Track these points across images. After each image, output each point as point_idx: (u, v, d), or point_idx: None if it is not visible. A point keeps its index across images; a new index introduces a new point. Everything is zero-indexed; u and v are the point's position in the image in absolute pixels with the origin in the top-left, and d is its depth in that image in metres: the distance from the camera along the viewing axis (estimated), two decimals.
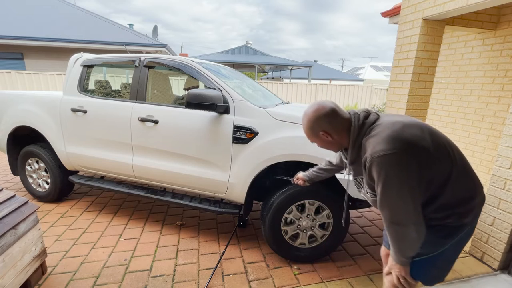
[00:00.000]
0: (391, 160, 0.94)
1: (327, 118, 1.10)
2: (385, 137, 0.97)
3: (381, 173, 0.96)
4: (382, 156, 0.94)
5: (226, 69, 2.81)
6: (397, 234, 1.02)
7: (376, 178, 0.98)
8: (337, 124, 1.10)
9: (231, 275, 1.95)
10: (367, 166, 1.00)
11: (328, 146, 1.19)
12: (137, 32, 11.35)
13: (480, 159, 3.52)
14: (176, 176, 2.29)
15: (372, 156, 0.96)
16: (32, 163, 2.96)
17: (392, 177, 0.95)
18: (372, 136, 1.02)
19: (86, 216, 2.74)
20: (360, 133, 1.07)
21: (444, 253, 1.11)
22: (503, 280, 1.96)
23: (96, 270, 1.96)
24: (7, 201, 1.66)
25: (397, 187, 0.96)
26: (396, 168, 0.95)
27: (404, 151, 0.94)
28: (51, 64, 9.48)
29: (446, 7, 2.62)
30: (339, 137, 1.12)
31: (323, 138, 1.14)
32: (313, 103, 1.16)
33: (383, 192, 0.98)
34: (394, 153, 0.94)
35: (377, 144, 0.97)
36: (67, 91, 2.68)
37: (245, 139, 2.01)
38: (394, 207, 0.99)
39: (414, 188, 0.97)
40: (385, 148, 0.94)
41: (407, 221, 0.98)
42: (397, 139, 0.96)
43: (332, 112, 1.10)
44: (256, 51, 20.50)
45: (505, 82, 3.19)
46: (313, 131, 1.14)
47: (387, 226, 1.03)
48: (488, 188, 2.09)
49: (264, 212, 2.05)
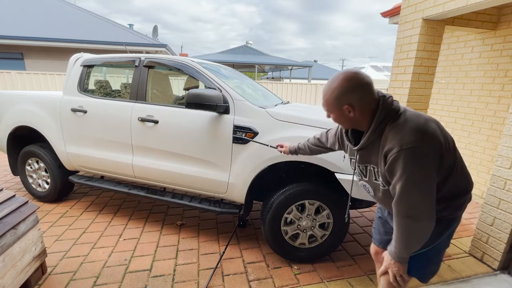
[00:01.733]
0: (419, 154, 0.91)
1: (360, 92, 0.99)
2: (414, 128, 0.93)
3: (408, 166, 0.91)
4: (412, 149, 0.90)
5: (226, 69, 2.81)
6: (409, 229, 0.98)
7: (401, 170, 0.93)
8: (367, 101, 1.00)
9: (231, 275, 1.95)
10: (392, 156, 0.93)
11: (343, 122, 1.09)
12: (137, 32, 11.35)
13: (480, 159, 3.52)
14: (176, 176, 2.28)
15: (401, 147, 0.91)
16: (32, 163, 2.96)
17: (419, 171, 0.92)
18: (398, 125, 0.96)
19: (86, 216, 2.74)
20: (385, 119, 0.99)
21: (438, 246, 1.12)
22: (503, 280, 1.96)
23: (96, 270, 1.95)
24: (7, 201, 1.66)
25: (422, 181, 0.93)
26: (424, 161, 0.92)
27: (431, 145, 0.93)
28: (51, 64, 9.47)
29: (446, 7, 2.62)
30: (361, 116, 1.02)
31: (344, 113, 1.02)
32: (346, 69, 1.03)
33: (406, 185, 0.93)
34: (423, 146, 0.91)
35: (406, 135, 0.92)
36: (67, 91, 2.68)
37: (245, 139, 2.01)
38: (414, 201, 0.95)
39: (434, 183, 0.95)
40: (415, 140, 0.91)
41: (423, 216, 0.95)
42: (426, 132, 0.94)
43: (368, 86, 0.99)
44: (256, 51, 20.50)
45: (505, 82, 3.19)
46: (338, 101, 1.01)
47: (400, 220, 0.99)
48: (488, 188, 2.09)
49: (264, 212, 2.05)
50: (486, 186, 3.15)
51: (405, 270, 1.07)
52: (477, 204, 3.31)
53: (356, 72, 0.99)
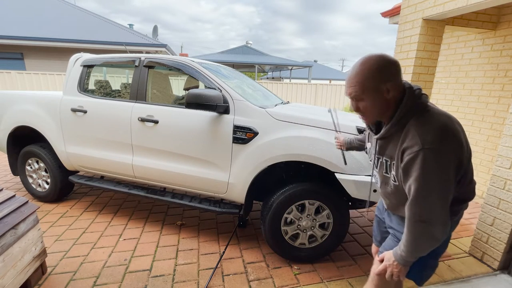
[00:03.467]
0: (441, 156, 0.86)
1: (397, 69, 0.92)
2: (438, 127, 0.88)
3: (427, 168, 0.86)
4: (434, 149, 0.85)
5: (226, 69, 2.81)
6: (422, 233, 0.94)
7: (418, 171, 0.88)
8: (398, 83, 0.93)
9: (231, 275, 1.95)
10: (411, 155, 0.88)
11: (375, 109, 0.98)
12: (137, 32, 11.35)
13: (480, 159, 3.52)
14: (176, 176, 2.28)
15: (423, 146, 0.86)
16: (32, 163, 2.96)
17: (438, 174, 0.87)
18: (422, 121, 0.91)
19: (86, 216, 2.74)
20: (409, 111, 0.93)
21: (436, 251, 1.10)
22: (503, 280, 1.96)
23: (96, 270, 1.95)
24: (7, 201, 1.66)
25: (440, 185, 0.89)
26: (445, 164, 0.88)
27: (453, 147, 0.89)
28: (51, 64, 9.48)
29: (446, 7, 2.62)
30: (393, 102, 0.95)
31: (382, 94, 0.93)
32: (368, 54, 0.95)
33: (423, 188, 0.89)
34: (445, 147, 0.87)
35: (429, 133, 0.87)
36: (67, 91, 2.68)
37: (245, 139, 2.01)
38: (430, 205, 0.90)
39: (453, 187, 0.91)
40: (438, 140, 0.86)
41: (437, 220, 0.91)
42: (450, 133, 0.89)
43: (398, 65, 0.93)
44: (256, 51, 20.50)
45: (505, 82, 3.19)
46: (377, 78, 0.91)
47: (412, 224, 0.95)
48: (488, 188, 2.09)
49: (264, 212, 2.05)
50: (486, 186, 3.15)
51: (405, 273, 1.06)
52: (477, 204, 3.31)
53: (382, 53, 0.94)
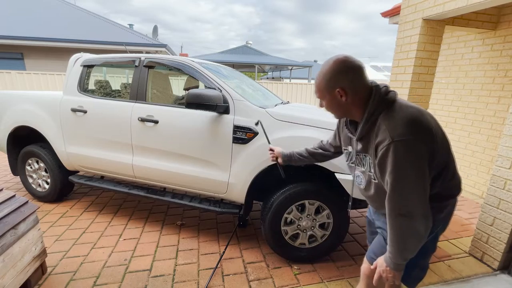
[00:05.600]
0: (412, 147, 0.88)
1: (352, 74, 0.96)
2: (407, 119, 0.91)
3: (399, 159, 0.89)
4: (404, 141, 0.88)
5: (226, 69, 2.81)
6: (403, 229, 0.94)
7: (392, 164, 0.90)
8: (359, 86, 0.97)
9: (231, 275, 1.95)
10: (384, 149, 0.91)
11: (335, 108, 1.05)
12: (137, 32, 11.35)
13: (480, 159, 3.52)
14: (176, 176, 2.28)
15: (393, 139, 0.88)
16: (32, 163, 2.96)
17: (411, 164, 0.89)
18: (391, 115, 0.94)
19: (86, 216, 2.74)
20: (378, 108, 0.96)
21: (422, 250, 1.07)
22: (503, 280, 1.96)
23: (96, 270, 1.95)
24: (7, 201, 1.66)
25: (414, 175, 0.90)
26: (417, 155, 0.89)
27: (423, 138, 0.90)
28: (51, 64, 9.47)
29: (446, 7, 2.62)
30: (353, 103, 0.99)
31: (336, 97, 0.99)
32: (337, 54, 1.01)
33: (398, 179, 0.90)
34: (415, 139, 0.88)
35: (398, 126, 0.90)
36: (67, 91, 2.68)
37: (245, 139, 2.01)
38: (407, 196, 0.91)
39: (427, 178, 0.92)
40: (407, 132, 0.88)
41: (417, 213, 0.91)
42: (419, 123, 0.91)
43: (360, 69, 0.97)
44: (256, 51, 20.50)
45: (505, 82, 3.19)
46: (329, 85, 0.98)
47: (393, 219, 0.95)
48: (488, 188, 2.09)
49: (264, 212, 2.05)
50: (486, 186, 3.15)
51: (399, 277, 1.02)
52: (477, 204, 3.31)
53: (347, 56, 0.98)
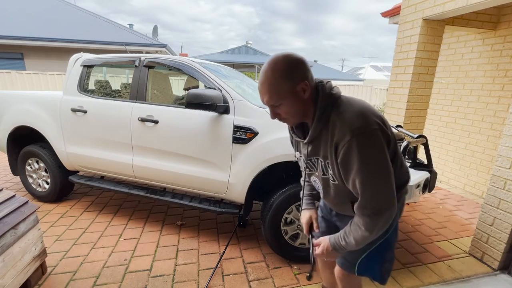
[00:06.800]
0: (372, 137, 0.85)
1: (305, 66, 0.89)
2: (358, 112, 0.87)
3: (364, 153, 0.85)
4: (365, 133, 0.84)
5: (226, 69, 2.81)
6: (374, 225, 0.91)
7: (358, 160, 0.85)
8: (312, 79, 0.91)
9: (231, 275, 1.95)
10: (345, 146, 0.85)
11: (296, 111, 0.93)
12: (137, 32, 11.35)
13: (480, 159, 3.52)
14: (176, 176, 2.28)
15: (353, 133, 0.83)
16: (32, 163, 2.96)
17: (377, 155, 0.86)
18: (343, 110, 0.89)
19: (86, 216, 2.74)
20: (328, 104, 0.91)
21: (388, 240, 1.09)
22: (503, 280, 1.96)
23: (96, 270, 1.95)
24: (7, 201, 1.66)
25: (382, 166, 0.87)
26: (379, 144, 0.87)
27: (379, 126, 0.87)
28: (51, 64, 9.47)
29: (446, 7, 2.62)
30: (309, 100, 0.92)
31: (299, 94, 0.89)
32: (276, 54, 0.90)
33: (367, 176, 0.86)
34: (374, 129, 0.85)
35: (355, 119, 0.86)
36: (67, 91, 2.68)
37: (245, 139, 2.01)
38: (379, 191, 0.89)
39: (391, 166, 0.90)
40: (364, 124, 0.85)
41: (387, 207, 0.89)
42: (372, 113, 0.88)
43: (307, 62, 0.90)
44: (256, 51, 20.50)
45: (505, 82, 3.19)
46: (291, 80, 0.87)
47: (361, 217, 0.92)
48: (488, 188, 2.09)
49: (264, 212, 2.05)
50: (486, 186, 3.15)
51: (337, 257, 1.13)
52: (477, 204, 3.31)
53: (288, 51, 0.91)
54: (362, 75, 33.21)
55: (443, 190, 3.74)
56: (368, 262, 1.11)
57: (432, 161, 2.13)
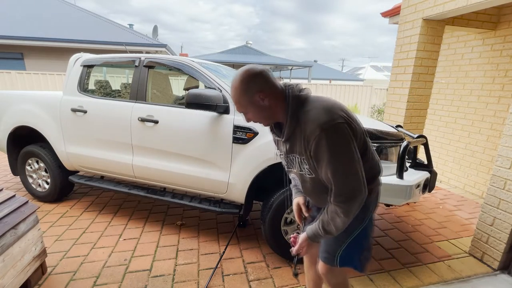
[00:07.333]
0: (339, 129, 0.94)
1: (261, 78, 1.00)
2: (324, 107, 0.97)
3: (333, 144, 0.93)
4: (331, 127, 0.93)
5: (226, 69, 2.81)
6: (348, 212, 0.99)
7: (328, 152, 0.93)
8: (272, 87, 1.01)
9: (231, 275, 1.95)
10: (316, 140, 0.94)
11: (262, 115, 1.05)
12: (137, 32, 11.34)
13: (480, 159, 3.52)
14: (176, 176, 2.28)
15: (321, 128, 0.92)
16: (32, 163, 2.96)
17: (344, 146, 0.95)
18: (311, 108, 0.99)
19: (86, 216, 2.74)
20: (298, 104, 1.01)
21: (365, 230, 1.17)
22: (503, 280, 1.96)
23: (96, 270, 1.95)
24: (7, 201, 1.66)
25: (350, 156, 0.96)
26: (346, 136, 0.95)
27: (345, 119, 0.96)
28: (51, 64, 9.47)
29: (446, 7, 2.62)
30: (275, 104, 1.02)
31: (258, 103, 1.01)
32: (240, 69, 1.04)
33: (337, 166, 0.95)
34: (339, 122, 0.94)
35: (320, 115, 0.95)
36: (67, 91, 2.68)
37: (245, 139, 2.01)
38: (350, 180, 0.97)
39: (359, 156, 0.98)
40: (330, 118, 0.94)
41: (358, 194, 0.98)
42: (337, 108, 0.98)
43: (265, 72, 1.00)
44: (256, 51, 20.49)
45: (505, 82, 3.19)
46: (248, 93, 0.99)
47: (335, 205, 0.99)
48: (488, 188, 2.09)
49: (264, 212, 2.05)
50: (486, 186, 3.15)
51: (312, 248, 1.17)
52: (477, 204, 3.31)
53: (248, 66, 1.01)
54: (362, 75, 33.21)
55: (443, 190, 3.74)
56: (348, 252, 1.18)
57: (432, 161, 2.14)
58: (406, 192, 1.75)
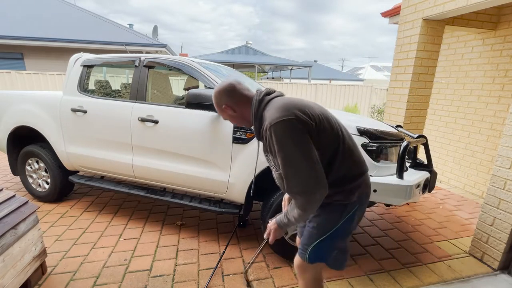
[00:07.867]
0: (287, 125, 1.00)
1: (228, 93, 1.18)
2: (278, 106, 1.05)
3: (280, 139, 1.00)
4: (279, 122, 1.00)
5: (226, 69, 2.81)
6: (305, 203, 1.04)
7: (277, 146, 1.01)
8: (237, 98, 1.17)
9: (231, 275, 1.95)
10: (267, 135, 1.04)
11: (235, 120, 1.25)
12: (137, 32, 11.34)
13: (480, 159, 3.52)
14: (176, 176, 2.28)
15: (270, 124, 1.01)
16: (32, 163, 2.96)
17: (291, 139, 1.00)
18: (269, 109, 1.09)
19: (86, 216, 2.74)
20: (260, 107, 1.13)
21: (339, 230, 1.18)
22: (503, 280, 1.96)
23: (96, 270, 1.95)
24: (7, 201, 1.66)
25: (297, 149, 1.00)
26: (293, 132, 1.00)
27: (296, 117, 1.01)
28: (51, 64, 9.47)
29: (446, 7, 2.62)
30: (244, 111, 1.18)
31: (227, 112, 1.21)
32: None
33: (285, 158, 1.01)
34: (289, 119, 1.00)
35: (273, 113, 1.04)
36: (67, 91, 2.68)
37: (245, 139, 2.01)
38: (297, 172, 1.01)
39: (313, 149, 1.02)
40: (280, 115, 1.01)
41: (312, 187, 1.01)
42: (290, 107, 1.04)
43: (231, 87, 1.18)
44: (256, 51, 20.49)
45: (505, 82, 3.19)
46: (218, 105, 1.21)
47: (295, 194, 1.05)
48: (488, 188, 2.09)
49: (264, 212, 2.05)
50: (486, 186, 3.15)
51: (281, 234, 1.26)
52: (477, 204, 3.31)
53: (222, 81, 1.21)
54: (362, 75, 33.21)
55: (443, 190, 3.74)
56: (318, 249, 1.21)
57: (432, 161, 2.14)
58: (406, 192, 1.75)
